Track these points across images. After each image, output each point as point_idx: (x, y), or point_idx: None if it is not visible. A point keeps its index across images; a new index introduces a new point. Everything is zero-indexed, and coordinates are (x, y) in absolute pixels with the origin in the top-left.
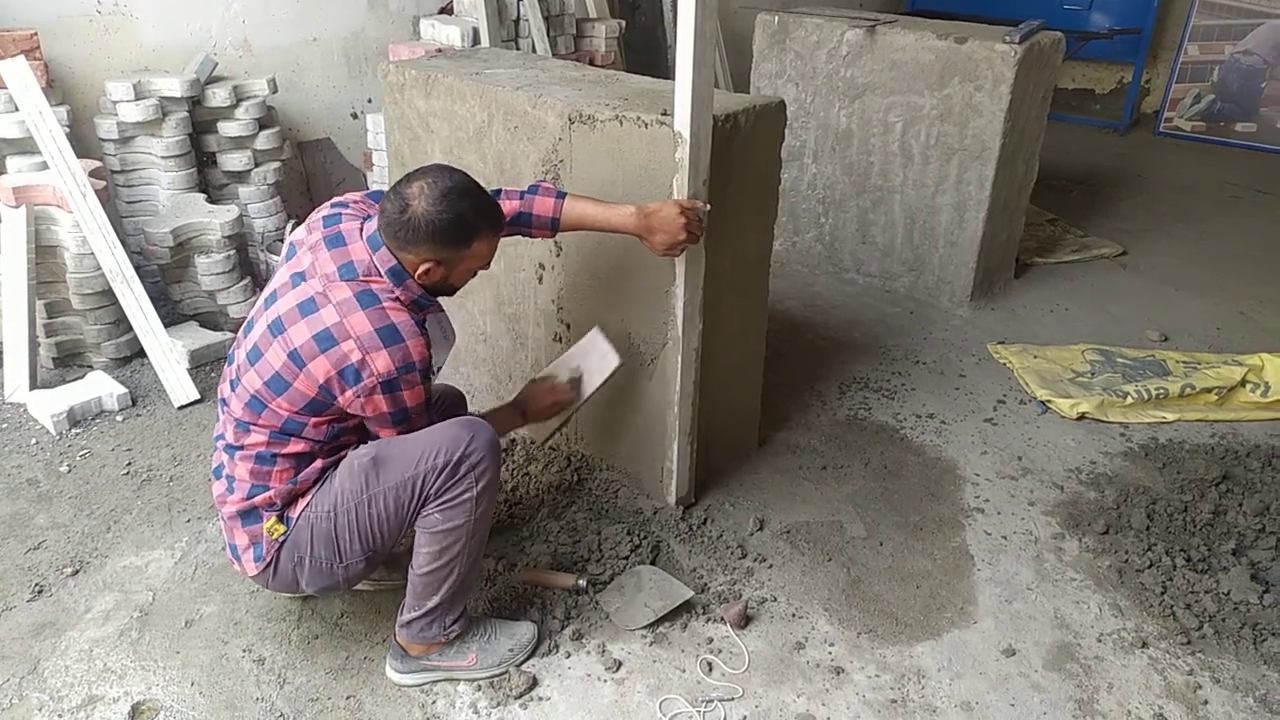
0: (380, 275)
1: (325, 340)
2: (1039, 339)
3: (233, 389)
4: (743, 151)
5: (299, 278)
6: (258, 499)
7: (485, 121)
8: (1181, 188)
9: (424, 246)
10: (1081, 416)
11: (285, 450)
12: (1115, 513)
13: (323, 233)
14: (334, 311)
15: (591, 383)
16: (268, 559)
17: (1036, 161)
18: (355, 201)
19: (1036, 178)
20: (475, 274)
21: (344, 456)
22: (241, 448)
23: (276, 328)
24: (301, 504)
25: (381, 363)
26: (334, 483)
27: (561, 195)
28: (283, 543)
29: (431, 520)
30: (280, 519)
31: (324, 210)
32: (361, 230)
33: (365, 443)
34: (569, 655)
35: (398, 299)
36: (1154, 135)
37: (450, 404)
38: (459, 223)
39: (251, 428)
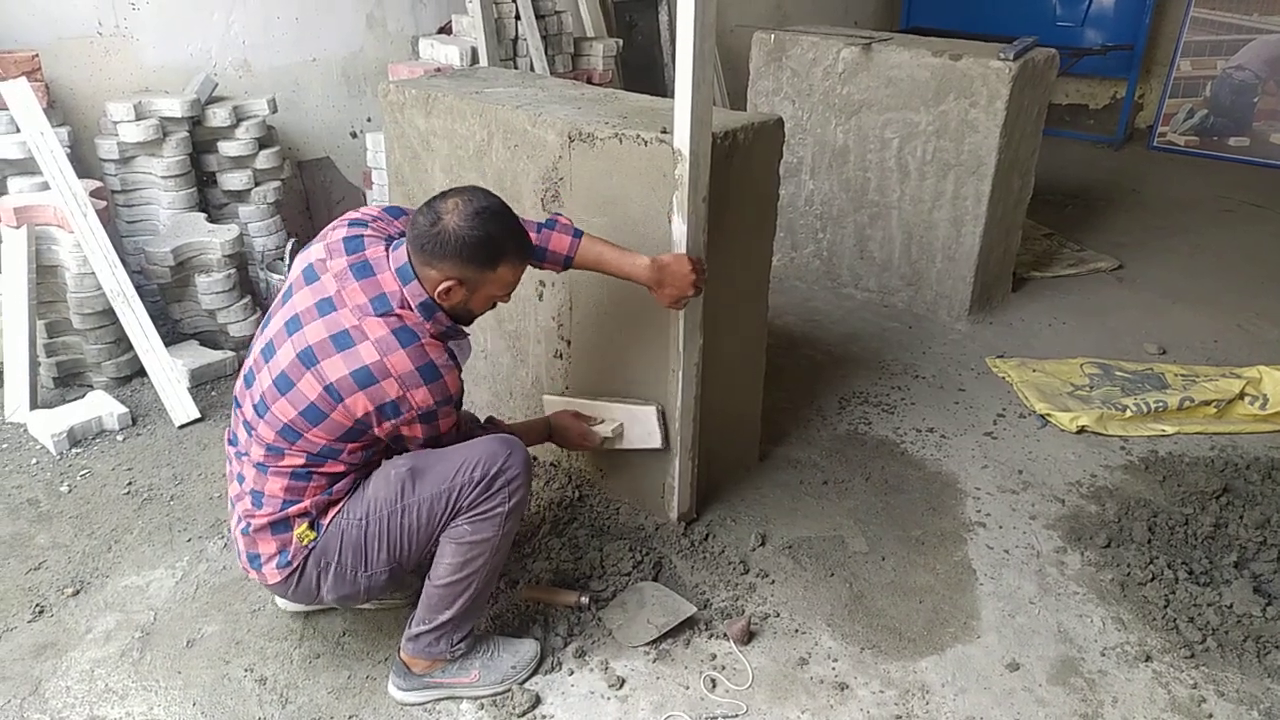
0: (412, 309)
1: (365, 378)
2: (1037, 352)
3: (259, 414)
4: (742, 169)
5: (327, 305)
6: (291, 510)
7: (485, 140)
8: (1176, 202)
9: (449, 263)
10: (1081, 430)
11: (321, 469)
12: (1116, 526)
13: (347, 260)
14: (373, 349)
15: (626, 443)
16: (294, 565)
17: (1032, 176)
18: (374, 219)
19: (1032, 192)
20: (495, 304)
21: (378, 465)
22: (274, 467)
23: (308, 359)
24: (333, 511)
25: (421, 397)
26: (367, 491)
27: (578, 234)
28: (311, 549)
29: (460, 531)
30: (311, 525)
31: (341, 230)
32: (389, 258)
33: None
34: (572, 672)
35: (431, 334)
36: (1148, 150)
37: (467, 421)
38: (487, 242)
39: (286, 452)
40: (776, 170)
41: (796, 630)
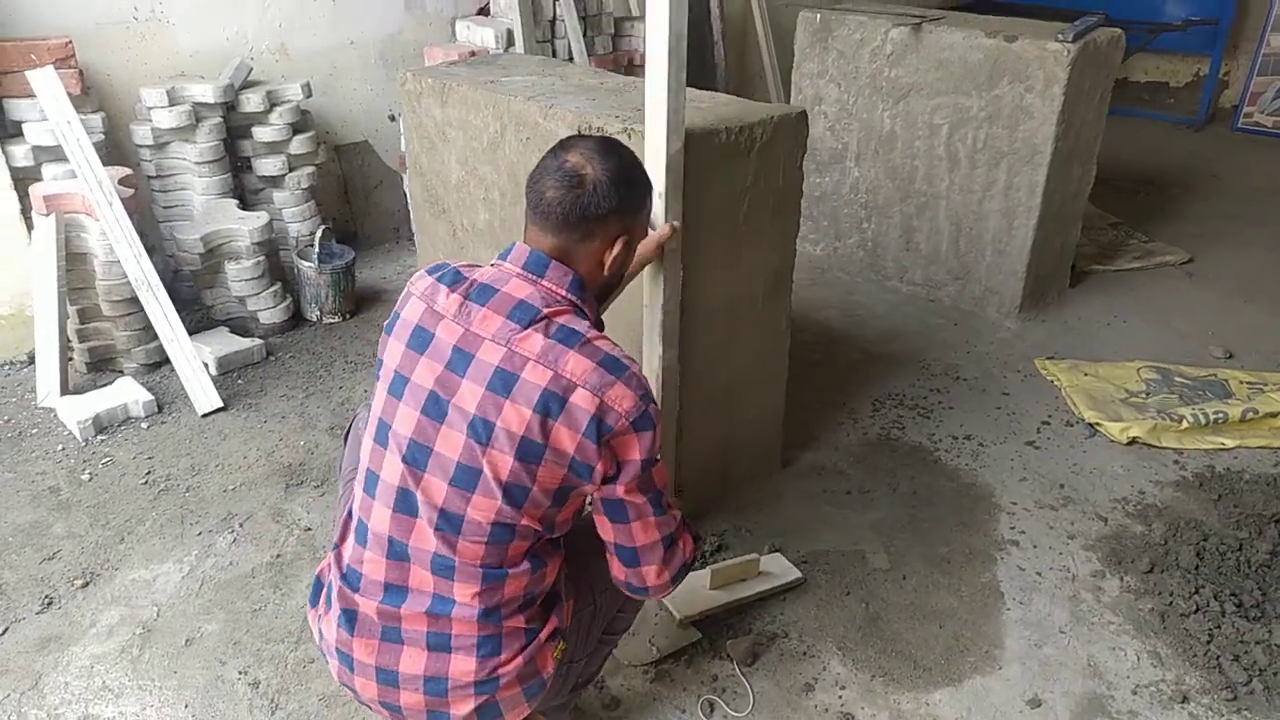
0: (560, 299)
1: (550, 404)
2: (1092, 354)
3: (453, 530)
4: (759, 164)
5: (462, 361)
6: (543, 634)
7: (498, 132)
8: (1258, 189)
9: (614, 216)
10: (1132, 441)
11: (545, 568)
12: (1162, 549)
13: (454, 291)
14: (540, 368)
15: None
16: (549, 686)
17: (1094, 165)
18: (449, 261)
19: (1100, 178)
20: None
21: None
22: (502, 603)
23: (480, 431)
24: (569, 608)
25: (618, 397)
26: (589, 573)
27: None
28: (562, 659)
29: None
30: (564, 637)
31: (425, 280)
32: (503, 268)
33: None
34: None
35: (590, 323)
36: (1231, 131)
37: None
38: (637, 170)
39: (506, 566)
40: (799, 166)
41: (804, 652)
